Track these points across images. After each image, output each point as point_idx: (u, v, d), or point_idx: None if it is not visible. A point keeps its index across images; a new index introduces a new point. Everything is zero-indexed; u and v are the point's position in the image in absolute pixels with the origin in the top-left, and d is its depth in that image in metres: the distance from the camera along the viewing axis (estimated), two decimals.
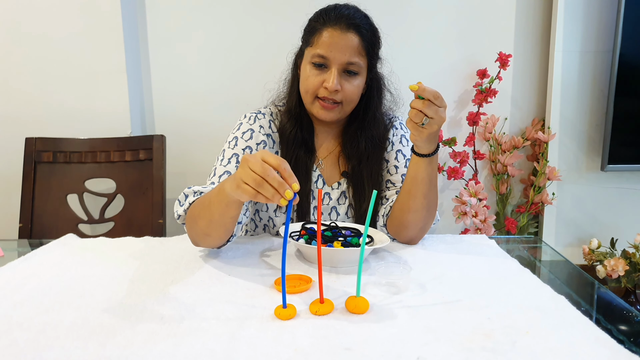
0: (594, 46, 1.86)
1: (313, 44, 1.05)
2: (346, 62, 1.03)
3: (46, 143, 1.61)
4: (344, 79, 1.05)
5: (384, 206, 1.09)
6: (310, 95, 1.07)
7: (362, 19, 1.05)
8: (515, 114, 1.97)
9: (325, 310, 0.70)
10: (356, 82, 1.06)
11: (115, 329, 0.65)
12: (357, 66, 1.04)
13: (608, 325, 0.71)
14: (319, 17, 1.06)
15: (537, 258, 1.10)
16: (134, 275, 0.85)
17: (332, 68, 1.03)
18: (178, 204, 0.98)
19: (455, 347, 0.60)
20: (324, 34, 1.03)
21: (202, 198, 0.92)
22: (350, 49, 1.02)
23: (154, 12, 1.82)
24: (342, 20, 1.03)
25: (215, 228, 0.88)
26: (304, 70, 1.07)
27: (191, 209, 0.93)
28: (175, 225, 1.91)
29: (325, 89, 1.04)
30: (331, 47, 1.02)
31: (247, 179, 0.71)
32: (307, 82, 1.06)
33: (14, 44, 1.71)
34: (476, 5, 1.88)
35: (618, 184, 1.95)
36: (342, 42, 1.02)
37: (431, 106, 0.86)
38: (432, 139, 0.92)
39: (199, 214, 0.89)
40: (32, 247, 1.04)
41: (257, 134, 1.10)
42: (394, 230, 1.05)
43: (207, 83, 1.87)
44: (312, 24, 1.07)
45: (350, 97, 1.07)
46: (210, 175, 1.06)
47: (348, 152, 1.14)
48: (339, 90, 1.04)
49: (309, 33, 1.07)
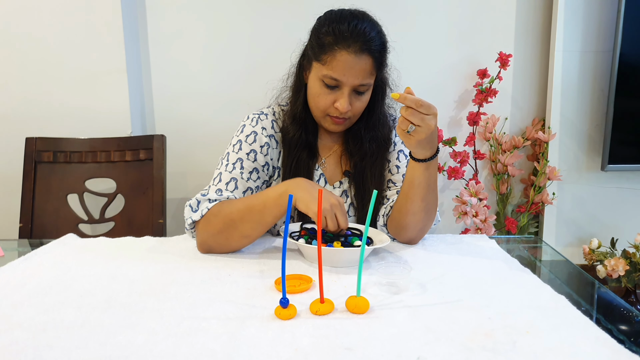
0: (594, 46, 1.86)
1: (325, 63, 1.01)
2: (358, 84, 1.02)
3: (46, 143, 1.61)
4: (353, 97, 1.04)
5: (385, 206, 1.09)
6: (320, 112, 1.07)
7: (375, 37, 1.01)
8: (516, 114, 1.97)
9: (325, 310, 0.70)
10: (365, 98, 1.07)
11: (116, 328, 0.65)
12: (367, 86, 1.05)
13: (608, 325, 0.71)
14: (331, 30, 1.00)
15: (538, 258, 1.10)
16: (134, 275, 0.85)
17: (344, 89, 1.02)
18: (190, 209, 0.99)
19: (455, 347, 0.60)
20: (338, 57, 0.99)
21: (244, 202, 0.96)
22: (363, 73, 1.01)
23: (154, 11, 1.82)
24: (356, 42, 0.98)
25: (261, 230, 0.96)
26: (314, 85, 1.05)
27: (227, 214, 0.95)
28: (175, 226, 1.91)
29: (337, 109, 1.04)
30: (344, 72, 1.00)
31: (326, 213, 0.91)
32: (318, 100, 1.05)
33: (15, 43, 1.71)
34: (476, 5, 1.88)
35: (618, 184, 1.95)
36: (356, 66, 1.00)
37: (415, 114, 0.85)
38: (424, 145, 0.91)
39: (243, 217, 0.94)
40: (33, 247, 1.04)
41: (260, 136, 1.09)
42: (394, 230, 1.05)
43: (208, 83, 1.87)
44: (322, 37, 1.01)
45: (359, 111, 1.08)
46: (215, 180, 1.04)
47: (351, 151, 1.14)
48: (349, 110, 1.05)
49: (321, 48, 1.01)
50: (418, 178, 0.96)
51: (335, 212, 0.91)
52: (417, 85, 1.93)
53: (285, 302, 0.68)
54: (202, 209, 0.97)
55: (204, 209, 0.96)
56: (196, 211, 0.98)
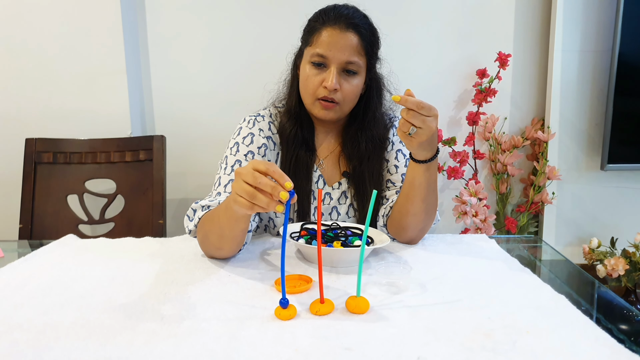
0: (593, 46, 1.86)
1: (312, 43, 1.05)
2: (345, 61, 1.03)
3: (46, 144, 1.61)
4: (343, 79, 1.05)
5: (384, 206, 1.09)
6: (310, 96, 1.07)
7: (361, 19, 1.05)
8: (515, 114, 1.97)
9: (325, 310, 0.70)
10: (355, 82, 1.06)
11: (116, 329, 0.65)
12: (356, 65, 1.04)
13: (608, 325, 0.71)
14: (318, 17, 1.06)
15: (537, 257, 1.10)
16: (134, 275, 0.85)
17: (331, 67, 1.03)
18: (187, 219, 0.99)
19: (455, 347, 0.60)
20: (323, 33, 1.03)
21: (210, 213, 0.93)
22: (350, 48, 1.03)
23: (153, 12, 1.82)
24: (341, 19, 1.03)
25: (227, 242, 0.89)
26: (304, 70, 1.07)
27: (201, 225, 0.94)
28: (175, 226, 1.91)
29: (325, 88, 1.04)
30: (330, 46, 1.02)
31: (240, 191, 0.71)
32: (307, 82, 1.06)
33: (15, 45, 1.71)
34: (476, 5, 1.88)
35: (618, 183, 1.95)
36: (341, 41, 1.02)
37: (417, 116, 0.85)
38: (425, 147, 0.91)
39: (210, 229, 0.90)
40: (33, 248, 1.04)
41: (258, 137, 1.10)
42: (394, 231, 1.05)
43: (207, 83, 1.87)
44: (311, 23, 1.08)
45: (349, 96, 1.07)
46: (215, 185, 1.05)
47: (349, 152, 1.14)
48: (338, 90, 1.04)
49: (309, 33, 1.07)
50: (418, 179, 0.96)
51: (256, 177, 0.70)
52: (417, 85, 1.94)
53: (285, 302, 0.69)
54: (195, 218, 0.98)
55: (196, 218, 0.97)
56: (192, 220, 0.99)
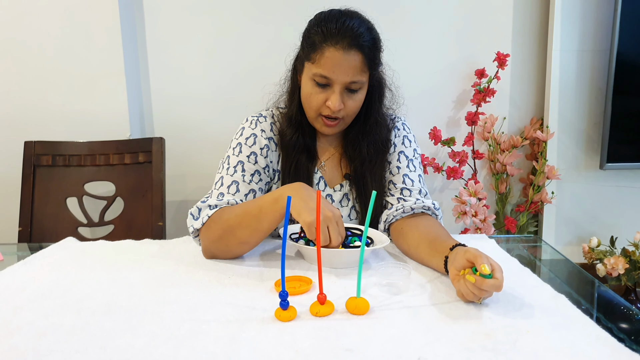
0: (592, 45, 1.87)
1: (314, 61, 1.01)
2: (349, 82, 1.00)
3: (45, 146, 1.61)
4: (346, 96, 1.03)
5: (387, 214, 1.06)
6: (313, 112, 1.05)
7: (364, 33, 0.99)
8: (514, 114, 1.97)
9: (325, 311, 0.70)
10: (358, 97, 1.05)
11: (116, 332, 0.65)
12: (360, 83, 1.02)
13: (608, 324, 0.71)
14: (319, 30, 1.00)
15: (537, 257, 1.10)
16: (134, 278, 0.85)
17: (335, 87, 1.01)
18: (192, 218, 0.98)
19: (455, 347, 0.61)
20: (326, 54, 0.98)
21: (241, 208, 0.94)
22: (353, 69, 0.99)
23: (152, 14, 1.82)
24: (344, 37, 0.98)
25: (259, 236, 0.93)
26: (306, 85, 1.05)
27: (225, 220, 0.93)
28: (175, 228, 1.91)
29: (328, 107, 1.02)
30: (334, 69, 0.99)
31: (322, 231, 0.84)
32: (310, 99, 1.04)
33: (13, 48, 1.71)
34: (474, 6, 1.88)
35: (617, 182, 1.96)
36: (344, 63, 0.98)
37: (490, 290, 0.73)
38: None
39: (241, 223, 0.91)
40: (32, 251, 1.04)
41: (260, 138, 1.09)
42: (396, 242, 1.04)
43: (206, 85, 1.87)
44: (312, 36, 1.01)
45: (352, 110, 1.06)
46: (217, 185, 1.04)
47: (350, 155, 1.13)
48: (342, 109, 1.03)
49: (310, 48, 1.01)
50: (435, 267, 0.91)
51: (328, 224, 0.86)
52: (416, 86, 1.95)
53: (285, 304, 0.68)
54: (203, 216, 0.96)
55: (204, 216, 0.96)
56: (197, 219, 0.97)
